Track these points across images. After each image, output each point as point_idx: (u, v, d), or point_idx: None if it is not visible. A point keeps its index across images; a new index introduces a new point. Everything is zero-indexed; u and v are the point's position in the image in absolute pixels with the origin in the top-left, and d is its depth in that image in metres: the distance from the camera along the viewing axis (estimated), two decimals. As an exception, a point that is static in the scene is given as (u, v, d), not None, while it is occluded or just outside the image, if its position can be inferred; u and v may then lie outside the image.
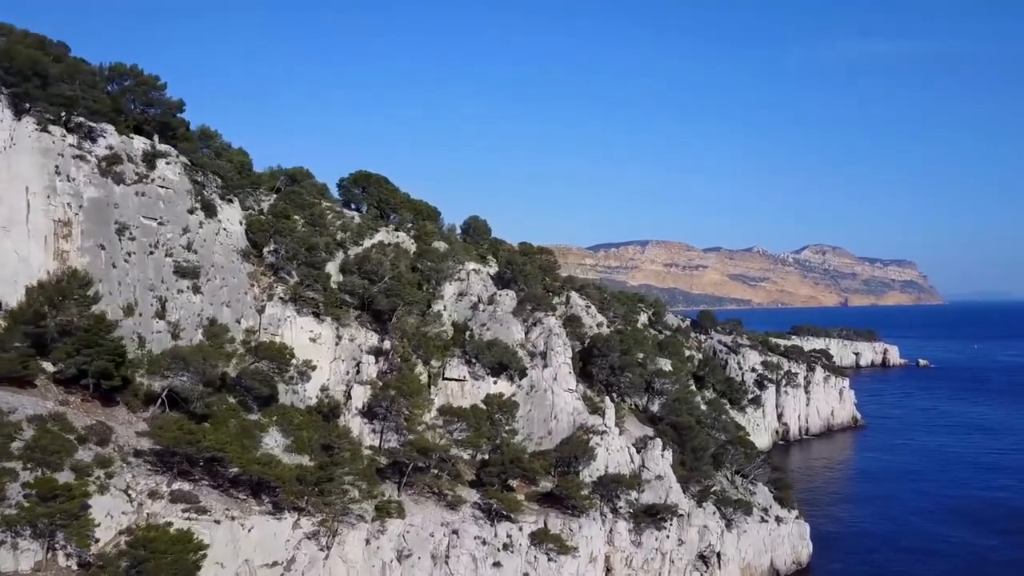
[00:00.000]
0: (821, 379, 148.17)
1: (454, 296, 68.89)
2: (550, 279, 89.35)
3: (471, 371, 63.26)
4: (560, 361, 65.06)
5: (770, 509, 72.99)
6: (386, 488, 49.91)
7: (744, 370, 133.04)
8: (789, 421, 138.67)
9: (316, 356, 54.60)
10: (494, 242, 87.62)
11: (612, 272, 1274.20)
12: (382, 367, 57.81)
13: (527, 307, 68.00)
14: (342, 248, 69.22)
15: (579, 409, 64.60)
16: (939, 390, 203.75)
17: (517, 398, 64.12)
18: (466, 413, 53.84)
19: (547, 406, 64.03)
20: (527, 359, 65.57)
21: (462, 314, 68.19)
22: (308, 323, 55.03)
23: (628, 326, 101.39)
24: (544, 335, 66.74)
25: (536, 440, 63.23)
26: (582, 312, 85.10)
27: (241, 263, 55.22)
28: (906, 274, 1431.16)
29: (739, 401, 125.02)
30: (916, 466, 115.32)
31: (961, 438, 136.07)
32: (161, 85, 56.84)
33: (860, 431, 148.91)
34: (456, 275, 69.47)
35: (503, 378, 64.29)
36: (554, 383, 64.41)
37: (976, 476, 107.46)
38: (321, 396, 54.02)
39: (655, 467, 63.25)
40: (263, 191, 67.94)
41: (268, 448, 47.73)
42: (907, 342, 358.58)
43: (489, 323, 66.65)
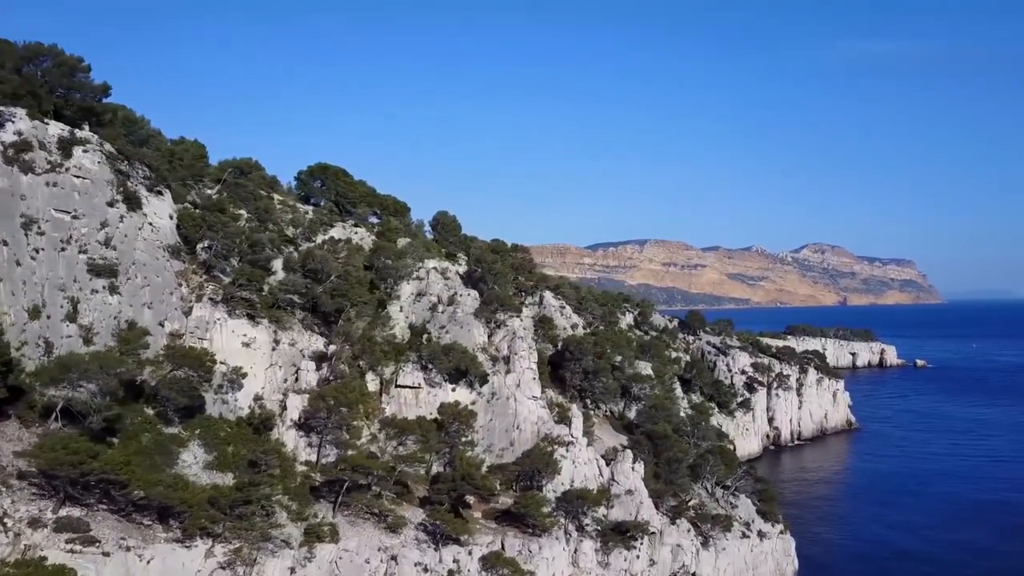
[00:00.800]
0: (814, 381, 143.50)
1: (412, 296, 64.18)
2: (524, 278, 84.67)
3: (427, 378, 58.59)
4: (524, 366, 60.39)
5: (752, 523, 68.32)
6: (320, 509, 45.25)
7: (733, 372, 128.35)
8: (780, 425, 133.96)
9: (249, 362, 49.90)
10: (464, 239, 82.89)
11: (610, 271, 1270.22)
12: (325, 374, 53.10)
13: (490, 308, 63.29)
14: (292, 245, 64.62)
15: (544, 418, 59.94)
16: (936, 391, 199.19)
17: (477, 406, 59.44)
18: (410, 425, 49.14)
19: (509, 415, 59.36)
20: (489, 364, 60.89)
21: (420, 316, 63.47)
22: (241, 326, 50.28)
23: (607, 327, 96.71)
24: (508, 338, 62.06)
25: (497, 452, 58.59)
26: (555, 313, 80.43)
27: (168, 261, 50.45)
28: (905, 273, 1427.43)
29: (728, 405, 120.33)
30: (911, 472, 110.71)
31: (958, 442, 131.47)
32: (84, 67, 52.10)
33: (854, 435, 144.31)
34: (414, 274, 64.73)
35: (462, 385, 59.62)
36: (517, 390, 59.74)
37: (972, 483, 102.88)
38: (254, 406, 49.29)
39: (625, 481, 58.58)
40: (207, 183, 63.24)
41: (186, 465, 43.09)
42: (905, 342, 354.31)
43: (448, 325, 61.96)
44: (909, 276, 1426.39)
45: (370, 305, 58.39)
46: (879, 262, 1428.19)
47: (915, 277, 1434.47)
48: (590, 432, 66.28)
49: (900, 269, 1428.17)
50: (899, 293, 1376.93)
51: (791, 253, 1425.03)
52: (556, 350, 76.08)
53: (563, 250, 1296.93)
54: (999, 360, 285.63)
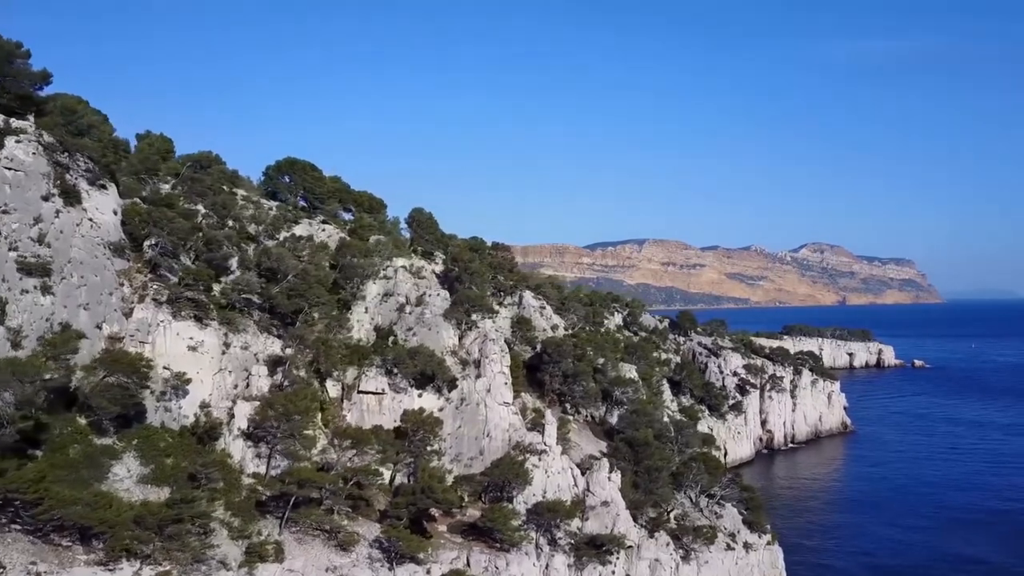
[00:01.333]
0: (808, 383, 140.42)
1: (378, 297, 61.04)
2: (503, 277, 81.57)
3: (391, 383, 55.44)
4: (496, 370, 57.23)
5: (738, 534, 65.17)
6: (266, 526, 42.10)
7: (725, 374, 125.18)
8: (773, 428, 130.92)
9: (196, 367, 46.73)
10: (442, 237, 79.76)
11: (609, 271, 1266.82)
12: (278, 380, 49.93)
13: (461, 309, 60.12)
14: (254, 242, 61.52)
15: (516, 425, 56.80)
16: (934, 393, 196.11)
17: (445, 413, 56.34)
18: (365, 435, 45.96)
19: (479, 422, 56.21)
20: (458, 368, 57.76)
21: (387, 317, 60.35)
22: (187, 329, 47.11)
23: (592, 328, 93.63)
24: (479, 341, 58.91)
25: (465, 462, 55.45)
26: (535, 314, 77.26)
27: (109, 259, 47.30)
28: (904, 273, 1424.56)
29: (719, 408, 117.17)
30: (906, 478, 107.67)
31: (955, 445, 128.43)
32: (23, 53, 48.94)
33: (849, 437, 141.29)
34: (382, 273, 61.59)
35: (429, 391, 56.49)
36: (488, 396, 56.59)
37: (969, 490, 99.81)
38: (200, 414, 46.14)
39: (601, 491, 55.42)
40: (165, 177, 60.09)
41: (117, 480, 39.93)
42: (904, 342, 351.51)
43: (416, 327, 58.83)
44: (908, 276, 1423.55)
45: (329, 306, 55.20)
46: (878, 262, 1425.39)
47: (914, 277, 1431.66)
48: (566, 439, 63.15)
49: (899, 269, 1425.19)
50: (898, 293, 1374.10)
51: (790, 253, 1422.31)
52: (535, 352, 72.94)
53: (562, 250, 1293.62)
54: (998, 360, 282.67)
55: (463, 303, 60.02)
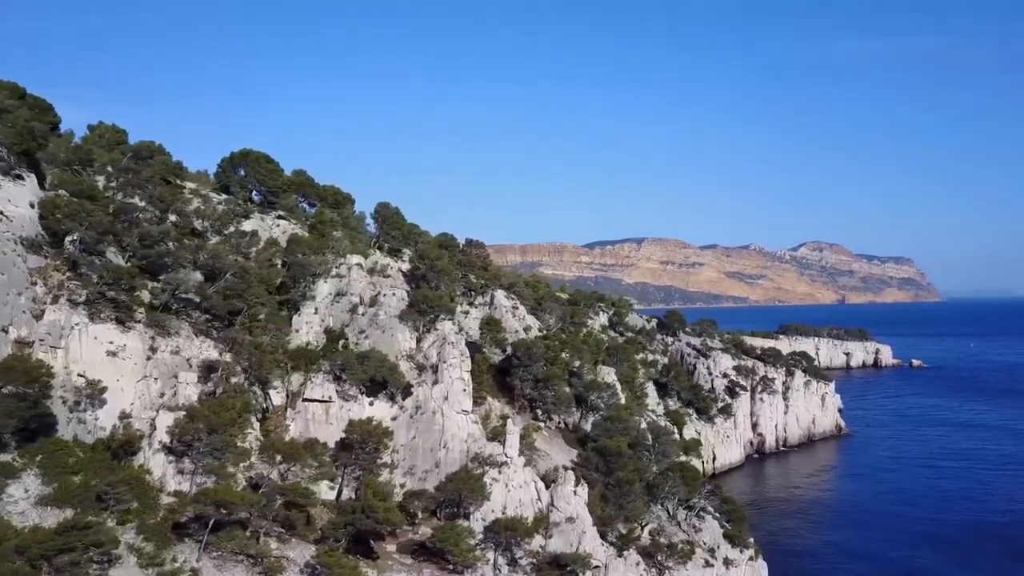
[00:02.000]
0: (801, 384, 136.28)
1: (330, 297, 56.94)
2: (475, 276, 77.56)
3: (340, 390, 51.37)
4: (454, 376, 53.13)
5: (718, 549, 61.16)
6: (182, 551, 38.03)
7: (714, 376, 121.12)
8: (765, 431, 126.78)
9: (116, 374, 42.74)
10: (410, 233, 75.70)
11: (608, 270, 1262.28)
12: (209, 388, 45.85)
13: (418, 310, 55.99)
14: (200, 238, 57.47)
15: (475, 436, 52.71)
16: (931, 393, 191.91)
17: (398, 422, 52.30)
18: (296, 450, 41.85)
19: (435, 432, 52.12)
20: (414, 374, 53.70)
21: (339, 318, 56.27)
22: (106, 332, 43.06)
23: (571, 329, 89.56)
24: (437, 344, 54.81)
25: (420, 475, 51.37)
26: (506, 314, 73.16)
27: (22, 255, 43.28)
28: (904, 271, 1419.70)
29: (707, 410, 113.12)
30: (900, 483, 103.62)
31: (952, 449, 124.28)
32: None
33: (843, 441, 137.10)
34: (334, 271, 57.49)
35: (381, 398, 52.42)
36: (445, 403, 52.49)
37: (963, 496, 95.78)
38: (119, 426, 42.09)
39: (566, 507, 51.36)
40: (97, 168, 55.98)
41: (11, 501, 35.90)
42: (902, 341, 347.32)
43: (369, 330, 54.75)
44: (908, 274, 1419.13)
45: (269, 306, 51.08)
46: (878, 260, 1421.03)
47: (914, 275, 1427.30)
48: (534, 448, 59.07)
49: (899, 267, 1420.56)
50: (898, 291, 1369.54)
51: (789, 251, 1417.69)
52: (505, 355, 68.90)
53: (560, 249, 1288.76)
54: (997, 360, 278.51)
55: (421, 303, 55.88)
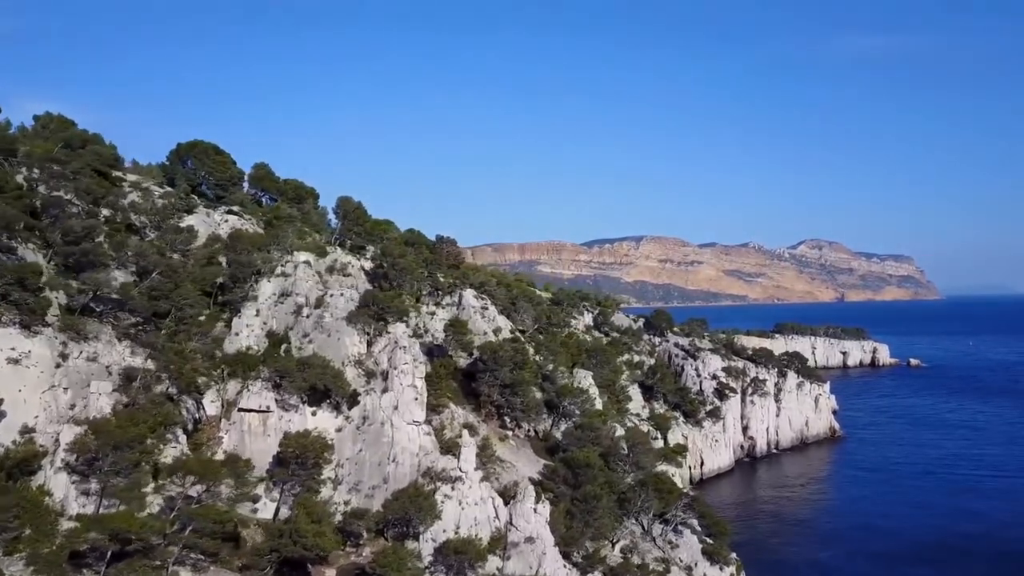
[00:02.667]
0: (794, 386, 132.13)
1: (273, 297, 52.78)
2: (443, 275, 73.41)
3: (280, 399, 47.26)
4: (405, 383, 48.97)
5: (696, 567, 57.16)
6: (79, 583, 33.89)
7: (703, 377, 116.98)
8: (756, 435, 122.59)
9: (18, 384, 38.59)
10: (375, 228, 71.57)
11: (607, 268, 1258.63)
12: (126, 399, 41.66)
13: (369, 311, 51.80)
14: (137, 235, 53.31)
15: (427, 448, 48.54)
16: (929, 394, 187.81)
17: (344, 434, 48.19)
18: (210, 468, 37.65)
19: (384, 444, 47.96)
20: (362, 381, 49.56)
21: (283, 321, 52.12)
22: (7, 338, 38.93)
23: (554, 329, 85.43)
24: (389, 349, 50.64)
25: (366, 491, 47.21)
26: (475, 315, 68.97)
27: (-86, 253, 39.14)
28: (903, 269, 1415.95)
29: (695, 414, 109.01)
30: (895, 490, 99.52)
31: (948, 452, 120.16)
32: None
33: (837, 444, 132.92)
34: (279, 269, 53.32)
35: (326, 408, 48.31)
36: (395, 414, 48.33)
37: (957, 505, 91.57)
38: (20, 442, 37.94)
39: (526, 525, 47.22)
40: (22, 159, 51.80)
41: None
42: (901, 339, 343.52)
43: (313, 333, 50.58)
44: (907, 272, 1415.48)
45: (198, 307, 46.93)
46: (877, 258, 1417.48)
47: (913, 273, 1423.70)
48: (497, 460, 54.92)
49: (898, 265, 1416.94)
50: (897, 289, 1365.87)
51: (788, 249, 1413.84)
52: (472, 359, 64.76)
53: (559, 247, 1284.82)
54: (995, 358, 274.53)
55: (372, 304, 51.69)
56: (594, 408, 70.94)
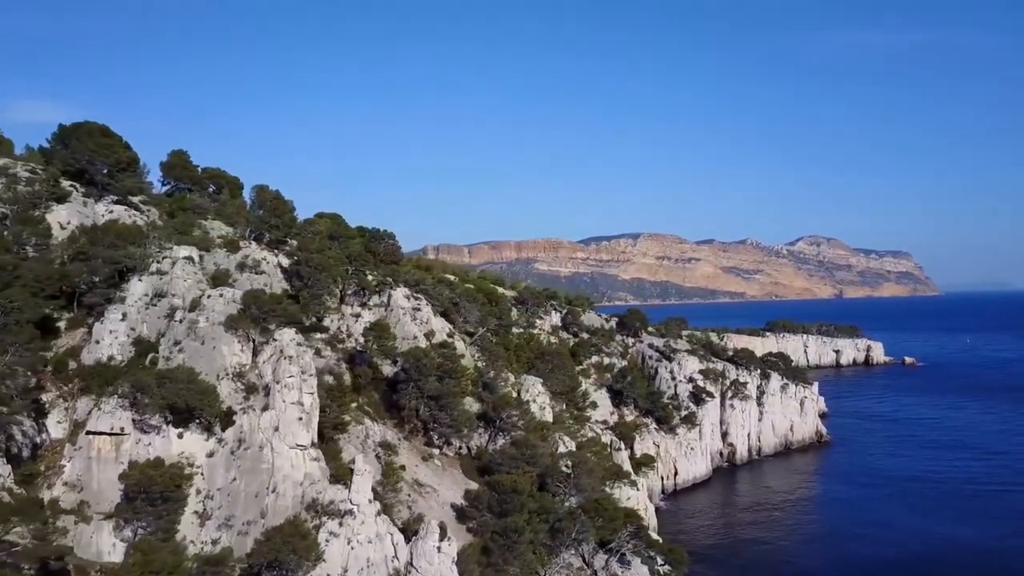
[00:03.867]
0: (777, 388, 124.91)
1: (145, 298, 45.55)
2: (372, 271, 66.22)
3: (138, 419, 40.06)
4: (289, 400, 41.76)
5: (643, 605, 50.08)
6: None
7: (678, 380, 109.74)
8: (736, 441, 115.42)
9: None
10: (292, 221, 64.38)
11: (604, 266, 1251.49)
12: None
13: (250, 315, 44.53)
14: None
15: (315, 476, 41.33)
16: (923, 394, 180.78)
17: (216, 460, 40.98)
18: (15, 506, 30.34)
19: (262, 472, 40.77)
20: (239, 397, 42.35)
21: (155, 326, 44.91)
22: None
23: (502, 332, 78.24)
24: (274, 360, 43.42)
25: (240, 527, 39.97)
26: (404, 317, 61.73)
27: None
28: (901, 265, 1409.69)
29: (668, 420, 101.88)
30: (882, 501, 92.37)
31: (940, 459, 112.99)
32: None
33: (824, 450, 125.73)
34: (154, 267, 46.09)
35: (195, 428, 41.10)
36: (275, 436, 41.14)
37: (947, 519, 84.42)
38: None
39: (428, 567, 40.09)
40: None
41: None
42: (897, 336, 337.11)
43: (185, 341, 43.33)
44: (905, 268, 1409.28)
45: (27, 311, 39.65)
46: (875, 254, 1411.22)
47: (911, 269, 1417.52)
48: (411, 485, 47.75)
49: (896, 261, 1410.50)
50: (895, 285, 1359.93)
51: (786, 246, 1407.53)
52: (398, 368, 57.59)
53: (556, 245, 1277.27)
54: (992, 356, 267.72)
55: (256, 307, 44.44)
56: (541, 420, 63.78)
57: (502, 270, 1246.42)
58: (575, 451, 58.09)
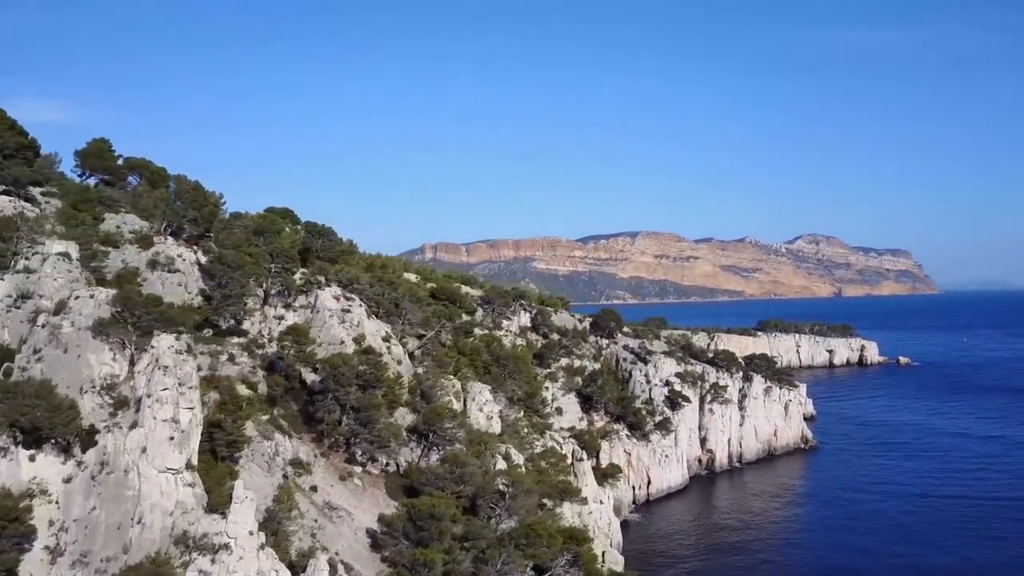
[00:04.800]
0: (760, 391, 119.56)
1: (8, 299, 40.21)
2: (306, 270, 60.87)
3: (-19, 439, 34.67)
4: (160, 417, 36.39)
5: (582, 641, 44.73)
6: None
7: (653, 384, 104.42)
8: (715, 447, 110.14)
9: None
10: (215, 214, 59.03)
11: (602, 264, 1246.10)
12: None
13: (125, 320, 39.16)
14: None
15: (187, 505, 35.97)
16: (916, 396, 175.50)
17: (74, 486, 35.65)
18: None
19: (126, 500, 35.42)
20: (105, 414, 37.00)
21: (18, 331, 39.57)
22: None
23: (455, 334, 72.87)
24: (148, 371, 38.04)
25: (98, 564, 34.60)
26: (331, 320, 56.35)
27: None
28: (901, 264, 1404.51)
29: (641, 426, 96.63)
30: (867, 514, 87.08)
31: (927, 469, 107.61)
32: None
33: (809, 455, 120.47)
34: (21, 263, 40.78)
35: (50, 450, 35.76)
36: (143, 458, 35.80)
37: (932, 538, 79.07)
38: None
39: (315, 610, 34.72)
40: None
41: None
42: (894, 335, 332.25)
43: (46, 349, 37.97)
44: (905, 267, 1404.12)
45: None
46: (874, 253, 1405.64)
47: (911, 268, 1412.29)
48: (321, 510, 42.43)
49: (896, 260, 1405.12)
50: (895, 284, 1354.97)
51: (785, 244, 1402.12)
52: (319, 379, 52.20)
53: (554, 243, 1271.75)
54: (988, 356, 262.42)
55: (130, 310, 39.06)
56: (487, 431, 58.47)
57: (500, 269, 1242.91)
58: (512, 468, 52.62)
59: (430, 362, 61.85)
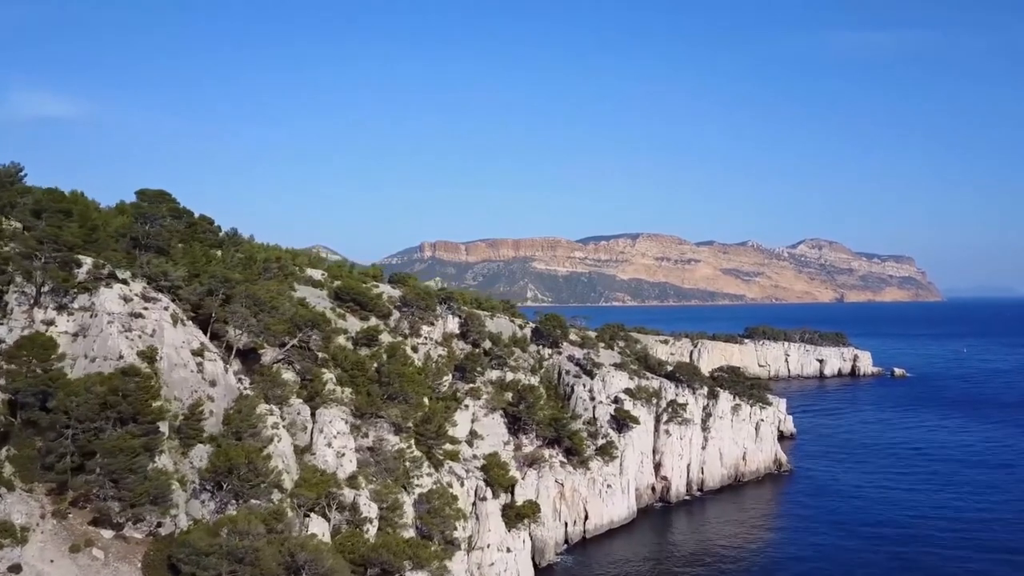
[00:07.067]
0: (727, 410, 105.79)
1: None
2: (105, 261, 47.18)
3: None
4: None
5: None
6: None
7: (599, 401, 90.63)
8: (671, 474, 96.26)
9: None
10: (39, 206, 45.54)
11: (602, 265, 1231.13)
12: None
13: None
14: None
15: None
16: (909, 411, 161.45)
17: None
18: None
19: None
20: None
21: None
22: None
23: (357, 344, 59.22)
24: None
25: None
26: (108, 328, 42.53)
27: None
28: (904, 270, 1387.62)
29: (579, 451, 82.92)
30: (837, 554, 73.41)
31: (912, 500, 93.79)
32: None
33: (782, 481, 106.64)
34: None
35: None
36: None
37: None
38: None
39: None
40: None
41: None
42: (890, 344, 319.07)
43: None
44: (908, 273, 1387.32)
45: None
46: (877, 258, 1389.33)
47: (914, 274, 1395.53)
48: None
49: (899, 266, 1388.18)
50: (897, 290, 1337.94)
51: (787, 248, 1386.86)
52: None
53: (554, 243, 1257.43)
54: (986, 367, 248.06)
55: None
56: (321, 475, 44.81)
57: (499, 268, 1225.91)
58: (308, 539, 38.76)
59: (263, 383, 48.18)
